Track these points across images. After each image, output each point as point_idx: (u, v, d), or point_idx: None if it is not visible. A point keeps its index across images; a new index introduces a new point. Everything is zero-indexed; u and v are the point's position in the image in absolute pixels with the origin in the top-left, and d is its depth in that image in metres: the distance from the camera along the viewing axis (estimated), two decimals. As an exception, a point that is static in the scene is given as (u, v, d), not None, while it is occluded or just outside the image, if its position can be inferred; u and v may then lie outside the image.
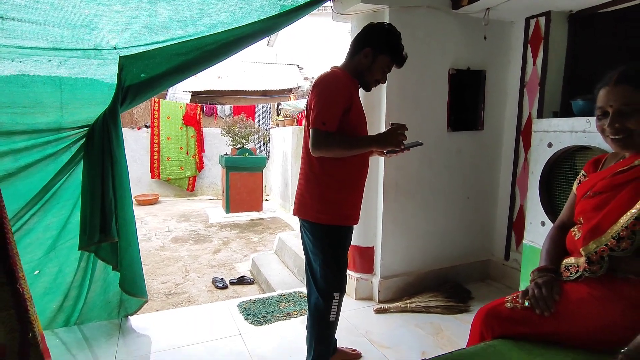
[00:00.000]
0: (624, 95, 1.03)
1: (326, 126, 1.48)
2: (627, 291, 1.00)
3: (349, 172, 1.63)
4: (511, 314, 1.08)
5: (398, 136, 1.55)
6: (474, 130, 2.83)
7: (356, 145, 1.55)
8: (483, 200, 2.96)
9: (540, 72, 2.61)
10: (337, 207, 1.62)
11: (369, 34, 1.63)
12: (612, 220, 1.01)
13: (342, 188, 1.63)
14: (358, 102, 1.64)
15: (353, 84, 1.63)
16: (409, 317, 2.48)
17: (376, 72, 1.62)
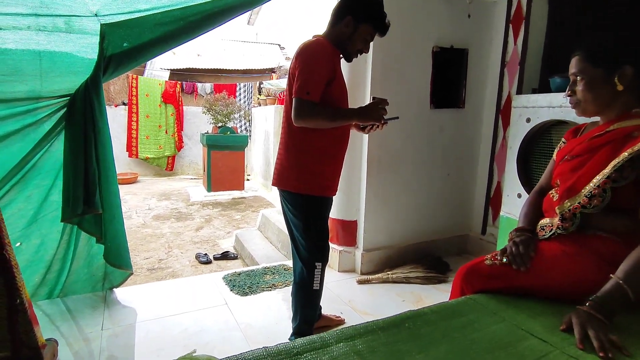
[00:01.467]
0: (576, 65, 1.13)
1: (310, 96, 1.47)
2: (597, 247, 1.08)
3: (329, 144, 1.63)
4: (490, 270, 1.16)
5: (379, 110, 1.56)
6: (455, 108, 2.90)
7: (339, 117, 1.54)
8: (462, 176, 3.06)
9: (521, 51, 2.68)
10: (316, 177, 1.62)
11: (349, 2, 1.58)
12: (586, 180, 1.08)
13: (322, 159, 1.62)
14: (340, 74, 1.62)
15: (335, 54, 1.60)
16: (390, 287, 2.57)
17: (358, 41, 1.59)
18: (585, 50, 1.12)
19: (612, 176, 1.03)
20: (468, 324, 1.00)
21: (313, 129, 1.56)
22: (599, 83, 1.10)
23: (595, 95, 1.11)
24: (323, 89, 1.50)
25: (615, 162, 1.02)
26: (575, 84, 1.14)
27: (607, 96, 1.10)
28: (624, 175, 1.03)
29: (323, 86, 1.50)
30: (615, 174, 1.03)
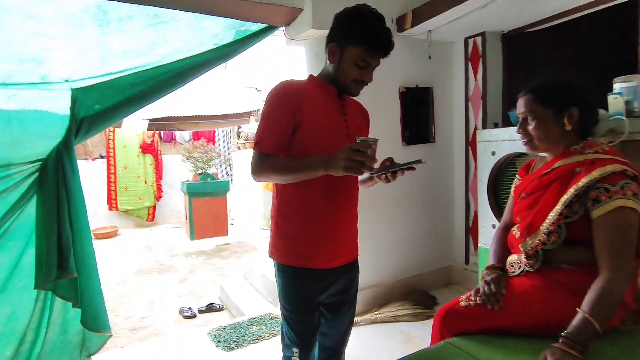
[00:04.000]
0: (526, 104, 1.20)
1: (260, 147, 1.26)
2: (561, 279, 1.11)
3: (309, 202, 1.30)
4: (466, 312, 1.17)
5: (349, 155, 1.10)
6: (427, 143, 3.00)
7: (297, 169, 1.21)
8: (441, 209, 3.11)
9: (482, 86, 2.83)
10: (293, 243, 1.31)
11: (332, 26, 1.29)
12: (542, 217, 1.13)
13: (301, 221, 1.31)
14: (319, 116, 1.27)
15: (321, 93, 1.31)
16: (379, 327, 2.54)
17: (349, 70, 1.25)
18: (536, 92, 1.20)
19: (564, 212, 1.08)
20: (447, 371, 1.00)
21: (289, 185, 1.30)
22: (550, 122, 1.17)
23: (546, 133, 1.18)
24: (285, 138, 1.26)
25: (564, 199, 1.08)
26: (526, 122, 1.22)
27: (557, 135, 1.17)
28: (573, 210, 1.08)
29: (283, 135, 1.25)
30: (566, 210, 1.08)
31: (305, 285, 1.32)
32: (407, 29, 2.69)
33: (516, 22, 2.65)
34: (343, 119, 1.34)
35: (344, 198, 1.34)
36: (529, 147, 1.22)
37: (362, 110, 1.52)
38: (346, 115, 1.35)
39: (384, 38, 1.23)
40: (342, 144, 1.19)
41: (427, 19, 2.53)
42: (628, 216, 1.01)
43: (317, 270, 1.31)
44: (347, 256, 1.38)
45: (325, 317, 1.42)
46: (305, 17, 2.47)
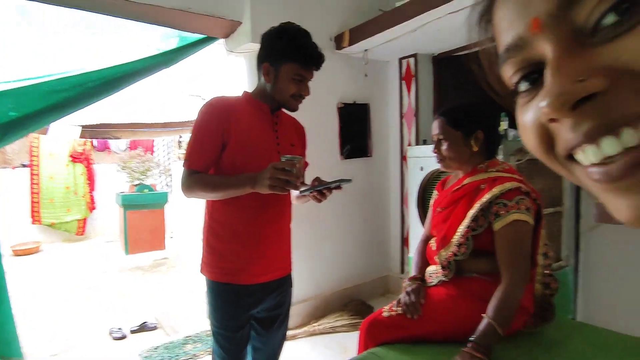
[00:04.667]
0: (440, 127, 1.31)
1: (188, 164, 1.27)
2: (471, 287, 1.21)
3: (239, 218, 1.31)
4: (388, 322, 1.23)
5: (273, 174, 1.12)
6: (364, 157, 3.11)
7: (225, 186, 1.22)
8: (378, 221, 3.23)
9: (415, 104, 3.01)
10: (222, 259, 1.31)
11: (262, 46, 1.33)
12: (454, 230, 1.23)
13: (230, 237, 1.31)
14: (249, 134, 1.29)
15: (253, 110, 1.32)
16: (317, 339, 2.55)
17: (286, 86, 1.28)
18: (447, 116, 1.31)
19: (471, 225, 1.19)
20: (367, 380, 1.04)
21: (218, 201, 1.32)
22: (460, 144, 1.28)
23: (457, 154, 1.29)
24: (214, 155, 1.28)
25: (471, 213, 1.19)
26: (440, 143, 1.32)
27: (466, 155, 1.28)
28: (479, 223, 1.19)
29: (211, 152, 1.27)
30: (472, 224, 1.19)
31: (234, 302, 1.32)
32: (345, 47, 2.79)
33: (445, 46, 2.85)
34: (274, 136, 1.36)
35: (274, 214, 1.35)
36: (443, 165, 1.33)
37: (298, 126, 1.53)
38: (278, 132, 1.37)
39: (314, 52, 1.29)
40: (271, 160, 1.23)
41: (363, 38, 2.65)
42: (522, 228, 1.13)
43: (247, 286, 1.31)
44: (279, 271, 1.38)
45: (258, 332, 1.42)
46: (245, 31, 2.48)
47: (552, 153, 0.29)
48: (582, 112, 0.24)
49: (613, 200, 0.26)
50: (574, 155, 0.27)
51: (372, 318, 1.26)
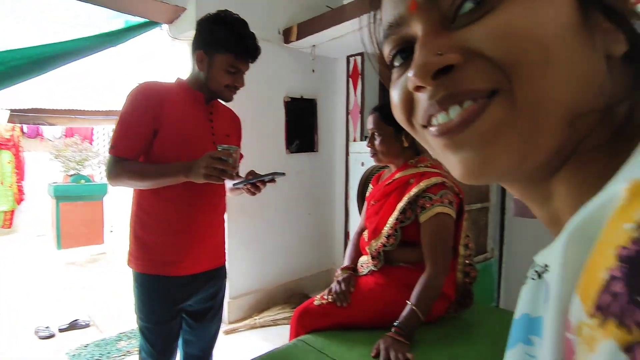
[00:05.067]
0: (373, 122, 1.36)
1: (115, 150, 1.21)
2: (399, 276, 1.28)
3: (169, 209, 1.26)
4: (319, 310, 1.26)
5: (209, 163, 1.12)
6: (310, 152, 3.14)
7: (156, 175, 1.18)
8: (322, 215, 3.28)
9: (360, 102, 3.08)
10: (151, 251, 1.26)
11: (197, 33, 1.28)
12: (384, 222, 1.28)
13: (160, 228, 1.26)
14: (182, 122, 1.24)
15: (187, 98, 1.27)
16: (258, 332, 2.55)
17: (220, 76, 1.25)
18: (381, 111, 1.36)
19: (399, 217, 1.25)
20: (294, 367, 1.06)
21: (147, 191, 1.25)
22: (392, 139, 1.34)
23: (388, 148, 1.34)
24: (143, 142, 1.21)
25: (400, 206, 1.25)
26: (373, 138, 1.37)
27: (397, 150, 1.34)
28: (407, 215, 1.25)
29: (141, 139, 1.21)
30: (401, 216, 1.25)
31: (163, 294, 1.28)
32: (293, 41, 2.79)
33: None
34: (209, 125, 1.32)
35: (207, 205, 1.31)
36: (375, 159, 1.38)
37: (233, 117, 1.49)
38: (213, 122, 1.33)
39: (250, 43, 1.26)
40: (206, 150, 1.20)
41: (311, 34, 2.67)
42: (445, 220, 1.21)
43: (177, 278, 1.27)
44: (211, 263, 1.36)
45: (190, 324, 1.39)
46: (189, 17, 2.41)
47: (413, 122, 0.33)
48: (439, 82, 0.28)
49: (450, 157, 0.30)
50: (430, 123, 0.31)
51: (303, 307, 1.29)
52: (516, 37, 0.25)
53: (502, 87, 0.26)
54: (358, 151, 2.33)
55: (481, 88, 0.27)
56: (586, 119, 0.27)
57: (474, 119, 0.27)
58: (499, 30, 0.26)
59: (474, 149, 0.27)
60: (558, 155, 0.28)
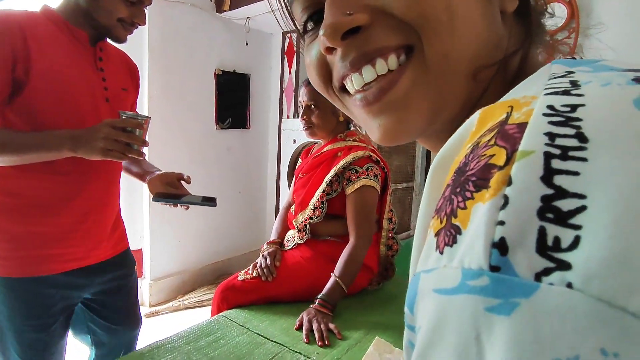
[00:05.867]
0: (310, 94, 1.32)
1: None
2: (324, 249, 1.28)
3: (48, 189, 0.97)
4: (242, 285, 1.22)
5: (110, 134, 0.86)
6: (242, 128, 3.04)
7: (27, 148, 0.87)
8: (253, 194, 3.21)
9: (295, 80, 3.03)
10: (21, 246, 0.95)
11: None
12: (311, 195, 1.27)
13: (34, 214, 0.96)
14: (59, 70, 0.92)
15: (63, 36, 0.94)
16: (182, 314, 2.45)
17: (113, 4, 0.94)
18: None
19: (326, 190, 1.25)
20: (214, 342, 1.02)
21: (6, 169, 0.93)
22: (328, 112, 1.32)
23: (325, 122, 1.32)
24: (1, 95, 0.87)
25: (327, 178, 1.24)
26: (309, 110, 1.33)
27: (333, 124, 1.33)
28: (333, 188, 1.26)
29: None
30: (328, 188, 1.25)
31: (39, 297, 0.97)
32: (226, 10, 2.65)
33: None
34: (99, 76, 1.00)
35: (101, 184, 1.04)
36: (309, 132, 1.35)
37: (130, 64, 1.16)
38: (105, 72, 1.02)
39: None
40: (97, 112, 0.95)
41: (245, 4, 2.54)
42: (369, 193, 1.23)
43: (62, 275, 0.99)
44: (110, 250, 1.12)
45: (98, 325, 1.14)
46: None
47: (330, 87, 0.33)
48: (349, 43, 0.28)
49: (370, 122, 0.31)
50: (345, 86, 0.31)
51: (226, 283, 1.24)
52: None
53: (413, 42, 0.27)
54: (290, 128, 2.30)
55: (392, 45, 0.28)
56: (487, 72, 0.28)
57: (390, 88, 0.28)
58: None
59: (390, 114, 0.29)
60: (464, 108, 0.29)
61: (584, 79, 0.18)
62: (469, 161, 0.18)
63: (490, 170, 0.16)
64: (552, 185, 0.14)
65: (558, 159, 0.15)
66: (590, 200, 0.14)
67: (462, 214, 0.16)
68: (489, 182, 0.16)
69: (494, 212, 0.15)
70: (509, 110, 0.18)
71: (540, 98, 0.18)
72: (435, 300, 0.16)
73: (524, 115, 0.17)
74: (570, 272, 0.13)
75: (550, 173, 0.15)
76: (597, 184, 0.14)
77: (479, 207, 0.16)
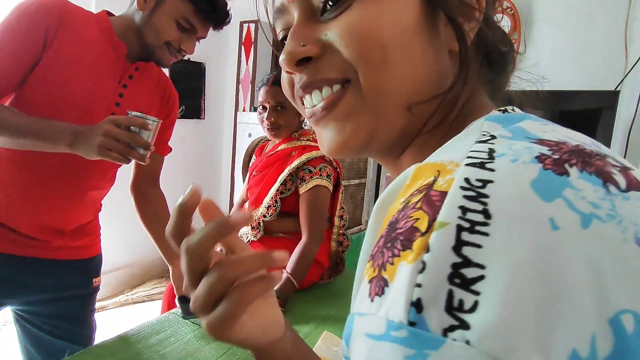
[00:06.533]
0: (276, 95, 1.30)
1: None
2: (277, 246, 1.30)
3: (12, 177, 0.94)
4: (195, 281, 1.22)
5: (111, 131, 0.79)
6: (196, 119, 2.97)
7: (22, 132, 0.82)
8: (207, 185, 3.16)
9: (252, 71, 3.00)
10: None
11: None
12: (265, 193, 1.30)
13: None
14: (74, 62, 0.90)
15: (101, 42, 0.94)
16: (130, 309, 2.39)
17: (164, 25, 0.94)
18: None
19: (280, 189, 1.28)
20: (165, 339, 1.02)
21: None
22: (293, 113, 1.32)
23: (291, 122, 1.33)
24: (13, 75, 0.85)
25: (281, 177, 1.27)
26: (276, 112, 1.30)
27: (296, 123, 1.35)
28: (287, 187, 1.29)
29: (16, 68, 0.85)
30: (281, 187, 1.28)
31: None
32: (180, -4, 2.56)
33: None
34: (117, 91, 0.97)
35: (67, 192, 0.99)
36: (274, 134, 1.34)
37: (167, 93, 1.15)
38: (127, 89, 0.99)
39: (220, 4, 1.00)
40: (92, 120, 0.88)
41: (201, -9, 2.47)
42: (322, 193, 1.27)
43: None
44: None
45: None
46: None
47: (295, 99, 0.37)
48: (302, 69, 0.33)
49: (320, 135, 0.35)
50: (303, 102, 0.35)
51: (178, 279, 1.24)
52: (360, 37, 0.30)
53: (351, 77, 0.31)
54: (246, 122, 2.28)
55: (333, 77, 0.32)
56: (424, 106, 0.32)
57: (333, 107, 0.32)
58: (348, 29, 0.30)
59: (333, 130, 0.33)
60: (403, 135, 0.33)
61: (500, 150, 0.22)
62: (400, 219, 0.21)
63: (414, 233, 0.19)
64: (460, 254, 0.17)
65: (467, 231, 0.18)
66: (488, 270, 0.17)
67: (390, 269, 0.20)
68: (412, 244, 0.19)
69: (414, 276, 0.18)
70: (437, 174, 0.22)
71: (461, 168, 0.21)
72: (365, 343, 0.19)
73: (446, 183, 0.20)
74: (469, 332, 0.16)
75: (460, 244, 0.18)
76: (494, 257, 0.17)
77: (403, 266, 0.19)
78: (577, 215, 0.18)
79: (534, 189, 0.19)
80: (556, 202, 0.18)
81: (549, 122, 0.26)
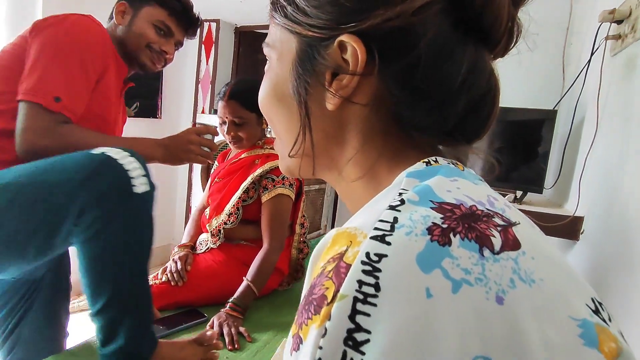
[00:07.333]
0: (234, 110, 1.29)
1: (62, 105, 0.87)
2: (238, 253, 1.31)
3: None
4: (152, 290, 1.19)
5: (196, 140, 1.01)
6: (152, 118, 2.87)
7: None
8: (163, 187, 3.04)
9: (212, 72, 2.94)
10: None
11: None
12: (227, 200, 1.29)
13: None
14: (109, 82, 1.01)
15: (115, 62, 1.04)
16: (78, 317, 2.26)
17: (143, 30, 1.03)
18: (241, 98, 1.29)
19: (242, 196, 1.28)
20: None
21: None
22: (254, 124, 1.32)
23: (253, 134, 1.33)
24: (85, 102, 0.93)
25: (243, 185, 1.28)
26: (236, 126, 1.30)
27: (259, 134, 1.35)
28: (250, 195, 1.30)
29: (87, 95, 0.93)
30: (244, 195, 1.28)
31: None
32: (138, -10, 2.46)
33: (248, 19, 2.88)
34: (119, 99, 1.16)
35: None
36: (238, 146, 1.34)
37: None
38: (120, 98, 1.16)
39: (190, 7, 1.11)
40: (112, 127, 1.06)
41: (160, -13, 2.39)
42: (284, 201, 1.29)
43: None
44: None
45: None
46: None
47: None
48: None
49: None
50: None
51: (133, 289, 1.20)
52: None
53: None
54: (206, 124, 2.24)
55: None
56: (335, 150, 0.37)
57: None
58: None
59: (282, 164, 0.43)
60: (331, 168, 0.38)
61: (401, 220, 0.25)
62: (316, 284, 0.25)
63: (324, 301, 0.24)
64: (354, 322, 0.22)
65: (360, 302, 0.22)
66: (372, 335, 0.21)
67: (304, 330, 0.24)
68: (321, 309, 0.23)
69: (317, 339, 0.22)
70: (349, 244, 0.25)
71: (366, 241, 0.24)
72: None
73: (353, 256, 0.24)
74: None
75: (354, 313, 0.22)
76: (378, 325, 0.21)
77: (312, 329, 0.23)
78: (449, 282, 0.22)
79: (418, 262, 0.22)
80: (434, 273, 0.22)
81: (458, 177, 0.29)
